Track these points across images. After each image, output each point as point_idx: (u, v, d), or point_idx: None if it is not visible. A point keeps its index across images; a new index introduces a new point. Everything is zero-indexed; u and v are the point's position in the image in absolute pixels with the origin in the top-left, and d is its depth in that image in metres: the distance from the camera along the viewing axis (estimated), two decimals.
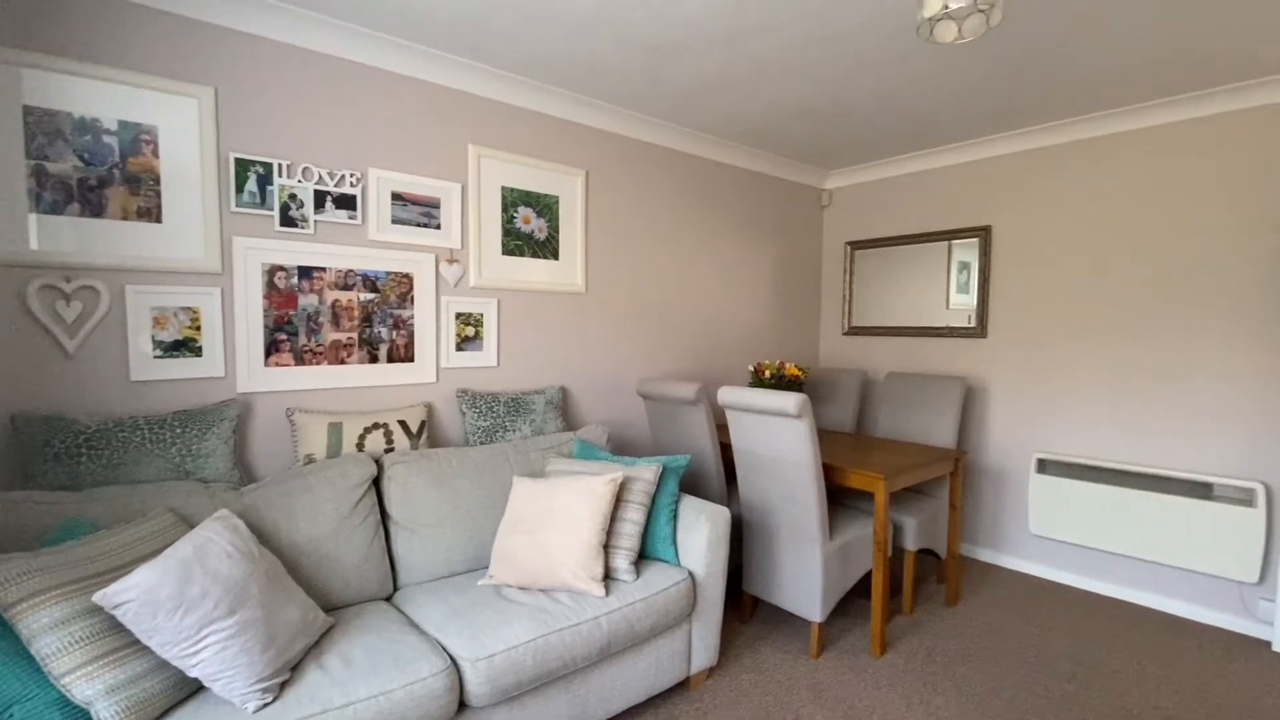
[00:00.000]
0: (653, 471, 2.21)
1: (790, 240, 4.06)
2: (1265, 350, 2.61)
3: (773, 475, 2.49)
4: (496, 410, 2.52)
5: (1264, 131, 2.60)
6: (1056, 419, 3.21)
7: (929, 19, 1.28)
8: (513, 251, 2.70)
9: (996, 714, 2.09)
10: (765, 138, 3.41)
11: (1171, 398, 2.85)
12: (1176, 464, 2.84)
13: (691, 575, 2.15)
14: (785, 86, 2.68)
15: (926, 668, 2.37)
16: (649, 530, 2.20)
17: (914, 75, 2.55)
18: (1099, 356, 3.06)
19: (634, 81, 2.64)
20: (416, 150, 2.44)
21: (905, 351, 3.86)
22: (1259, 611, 2.64)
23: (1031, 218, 3.28)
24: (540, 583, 1.95)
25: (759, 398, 2.40)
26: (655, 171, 3.26)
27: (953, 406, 3.17)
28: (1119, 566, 3.02)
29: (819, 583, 2.39)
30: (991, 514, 3.47)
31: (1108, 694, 2.21)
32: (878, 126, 3.20)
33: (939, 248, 3.66)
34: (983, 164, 3.46)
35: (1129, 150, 2.95)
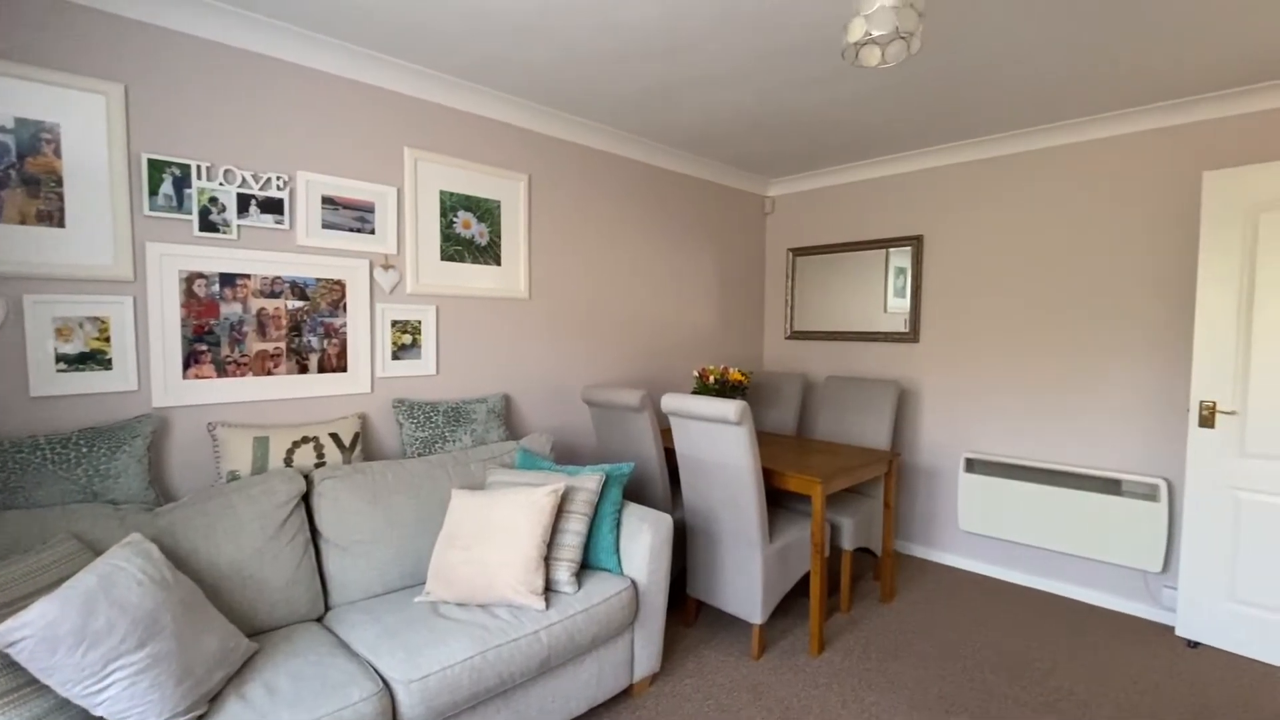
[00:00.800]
0: (595, 481, 2.21)
1: (735, 246, 4.13)
2: (1162, 360, 2.81)
3: (715, 480, 2.52)
4: (435, 420, 2.47)
5: (1152, 156, 2.80)
6: (983, 420, 3.38)
7: (854, 44, 1.32)
8: (452, 257, 2.65)
9: (925, 707, 2.18)
10: (709, 145, 3.46)
11: (1085, 401, 3.04)
12: (1090, 462, 3.03)
13: (634, 584, 2.16)
14: (726, 97, 2.72)
15: (861, 664, 2.45)
16: (592, 540, 2.19)
17: (848, 91, 2.63)
18: (1021, 362, 3.23)
19: (577, 87, 2.63)
20: (349, 152, 2.36)
21: (844, 355, 3.98)
22: (1163, 598, 2.84)
23: (960, 228, 3.44)
24: (479, 598, 1.91)
25: (700, 405, 2.43)
26: (600, 177, 3.25)
27: (887, 409, 3.29)
28: (1040, 559, 3.20)
29: (759, 585, 2.44)
30: (925, 512, 3.62)
31: (1027, 683, 2.34)
32: (817, 138, 3.28)
33: (877, 255, 3.78)
34: (916, 176, 3.60)
35: (1046, 167, 3.13)
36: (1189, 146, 2.75)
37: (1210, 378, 2.55)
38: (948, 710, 2.16)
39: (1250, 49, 2.21)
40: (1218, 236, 2.52)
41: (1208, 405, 2.55)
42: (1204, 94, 2.62)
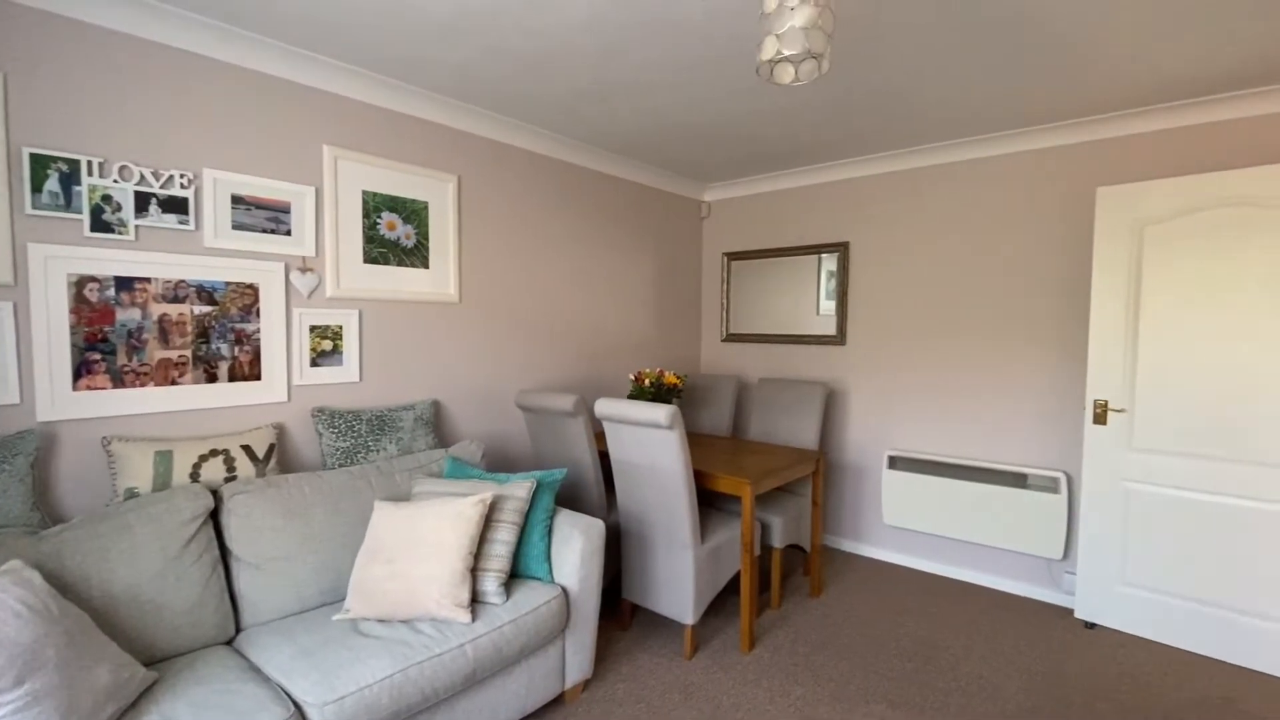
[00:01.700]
0: (525, 489, 2.18)
1: (671, 250, 4.17)
2: (1063, 362, 3.02)
3: (648, 484, 2.54)
4: (358, 429, 2.38)
5: (1053, 172, 3.01)
6: (905, 419, 3.54)
7: (768, 61, 1.35)
8: (376, 260, 2.56)
9: (846, 698, 2.26)
10: (645, 150, 3.47)
11: (995, 400, 3.23)
12: (1000, 458, 3.22)
13: (565, 591, 2.15)
14: (656, 103, 2.74)
15: (790, 659, 2.52)
16: (522, 549, 2.17)
17: (773, 104, 2.69)
18: (939, 364, 3.41)
19: (506, 88, 2.59)
20: (262, 150, 2.24)
21: (778, 357, 4.08)
22: (1064, 584, 3.05)
23: (882, 236, 3.59)
24: (402, 613, 1.86)
25: (632, 409, 2.45)
26: (535, 179, 3.22)
27: (816, 410, 3.39)
28: (957, 550, 3.38)
29: (691, 586, 2.47)
30: (852, 507, 3.76)
31: (942, 669, 2.47)
32: (748, 146, 3.35)
33: (810, 259, 3.90)
34: (842, 185, 3.73)
35: (958, 180, 3.30)
36: (1085, 164, 2.96)
37: (1103, 378, 2.76)
38: (867, 699, 2.25)
39: (1136, 76, 2.40)
40: (1109, 248, 2.73)
41: (1100, 404, 2.76)
42: (1097, 116, 2.83)
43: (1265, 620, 2.44)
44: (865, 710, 2.20)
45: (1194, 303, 2.55)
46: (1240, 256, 2.45)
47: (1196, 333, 2.54)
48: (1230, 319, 2.47)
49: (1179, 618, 2.62)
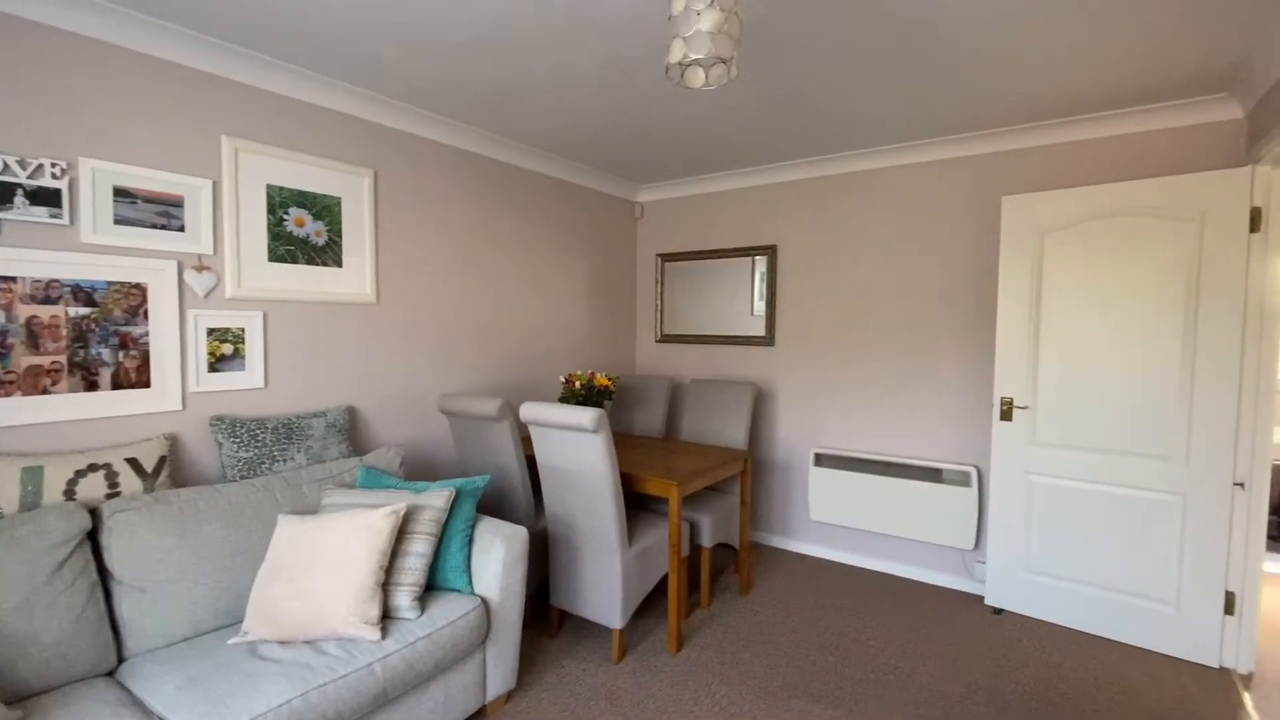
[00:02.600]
0: (443, 498, 2.11)
1: (605, 251, 4.14)
2: (973, 361, 3.17)
3: (575, 488, 2.51)
4: (263, 438, 2.24)
5: (962, 181, 3.16)
6: (830, 417, 3.64)
7: (677, 64, 1.34)
8: (283, 258, 2.42)
9: (769, 694, 2.30)
10: (575, 149, 3.43)
11: (913, 398, 3.36)
12: (917, 453, 3.36)
13: (485, 602, 2.09)
14: (583, 103, 2.70)
15: (716, 658, 2.55)
16: (439, 560, 2.09)
17: (697, 105, 2.71)
18: (861, 364, 3.52)
19: (426, 82, 2.50)
20: (150, 139, 2.07)
21: (711, 358, 4.12)
22: (975, 572, 3.21)
23: (808, 240, 3.68)
24: (305, 634, 1.76)
25: (557, 413, 2.41)
26: (461, 176, 3.12)
27: (745, 409, 3.44)
28: (879, 543, 3.50)
29: (619, 590, 2.45)
30: (780, 504, 3.84)
31: (861, 661, 2.55)
32: (679, 148, 3.36)
33: (745, 262, 3.95)
34: (771, 189, 3.80)
35: (877, 186, 3.42)
36: (992, 174, 3.11)
37: (1008, 377, 2.92)
38: (789, 695, 2.30)
39: (1040, 92, 2.54)
40: (1013, 254, 2.88)
41: (1006, 401, 2.92)
42: (1004, 128, 2.98)
43: (1149, 601, 2.63)
44: (787, 706, 2.23)
45: (1087, 306, 2.72)
46: (1128, 263, 2.63)
47: (1089, 334, 2.72)
48: (1118, 321, 2.66)
49: (1076, 601, 2.80)
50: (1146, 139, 2.74)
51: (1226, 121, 2.58)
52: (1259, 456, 2.42)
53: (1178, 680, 2.42)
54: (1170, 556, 2.58)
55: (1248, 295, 2.41)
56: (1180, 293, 2.53)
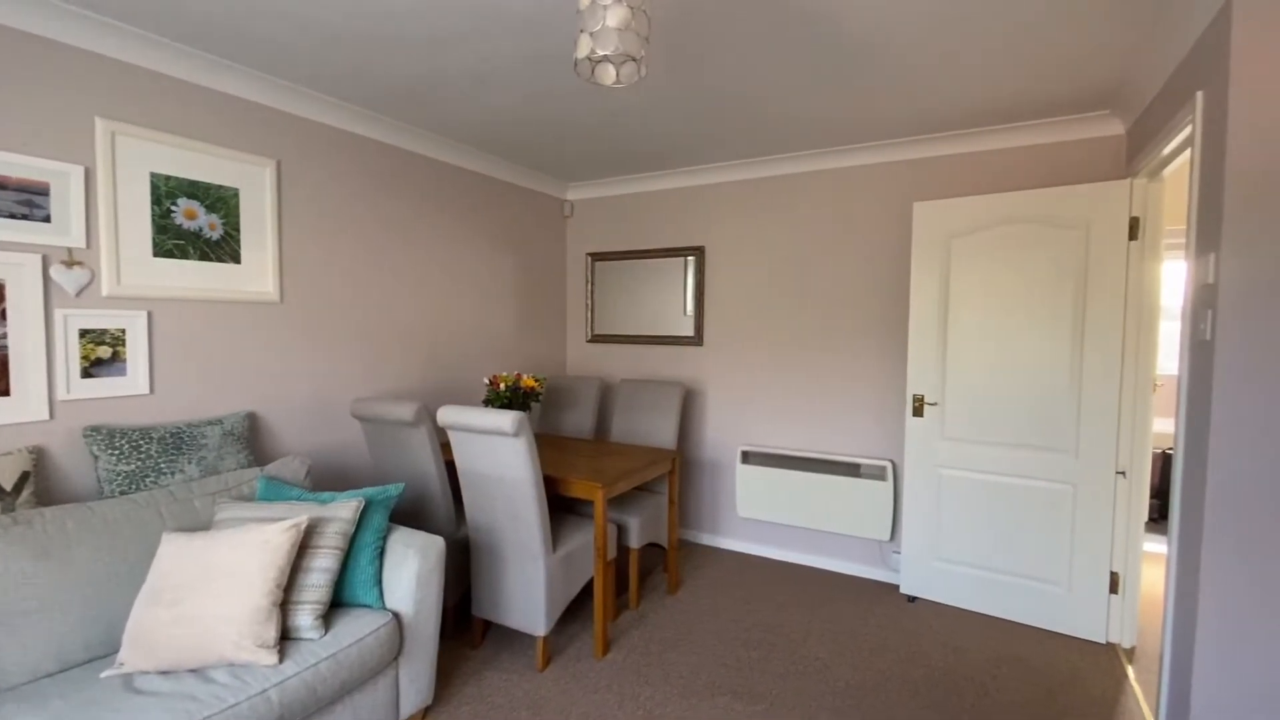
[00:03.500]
0: (351, 509, 2.00)
1: (534, 249, 4.06)
2: (889, 361, 3.31)
3: (496, 494, 2.44)
4: (147, 449, 2.06)
5: (878, 186, 3.29)
6: (757, 416, 3.70)
7: (586, 59, 1.31)
8: (172, 253, 2.23)
9: (694, 693, 2.31)
10: (500, 145, 3.34)
11: (834, 395, 3.47)
12: (838, 449, 3.47)
13: (398, 616, 1.99)
14: (499, 98, 2.63)
15: (642, 660, 2.53)
16: (347, 575, 1.98)
17: (622, 104, 2.69)
18: (786, 362, 3.60)
19: (334, 70, 2.36)
20: (7, 118, 1.86)
21: (642, 359, 4.12)
22: (891, 562, 3.34)
23: (734, 242, 3.73)
24: (190, 662, 1.62)
25: (476, 417, 2.33)
26: (378, 169, 2.98)
27: (673, 409, 3.45)
28: (802, 537, 3.59)
29: (543, 596, 2.40)
30: (709, 502, 3.88)
31: (784, 655, 2.60)
32: (604, 146, 3.33)
33: (677, 262, 3.96)
34: (698, 190, 3.84)
35: (798, 190, 3.51)
36: (906, 180, 3.25)
37: (920, 375, 3.05)
38: (713, 693, 2.31)
39: (944, 107, 2.66)
40: (923, 257, 3.02)
41: (918, 398, 3.05)
42: (917, 136, 3.11)
43: (1045, 583, 2.81)
44: (711, 704, 2.25)
45: (989, 307, 2.88)
46: (1025, 267, 2.80)
47: (991, 334, 2.88)
48: (1017, 322, 2.82)
49: (981, 586, 2.96)
50: (1042, 151, 2.93)
51: (1110, 137, 2.79)
52: (1138, 446, 2.63)
53: (1070, 657, 2.59)
54: (1062, 542, 2.76)
55: (1127, 298, 2.61)
56: (1069, 296, 2.71)
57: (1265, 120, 1.57)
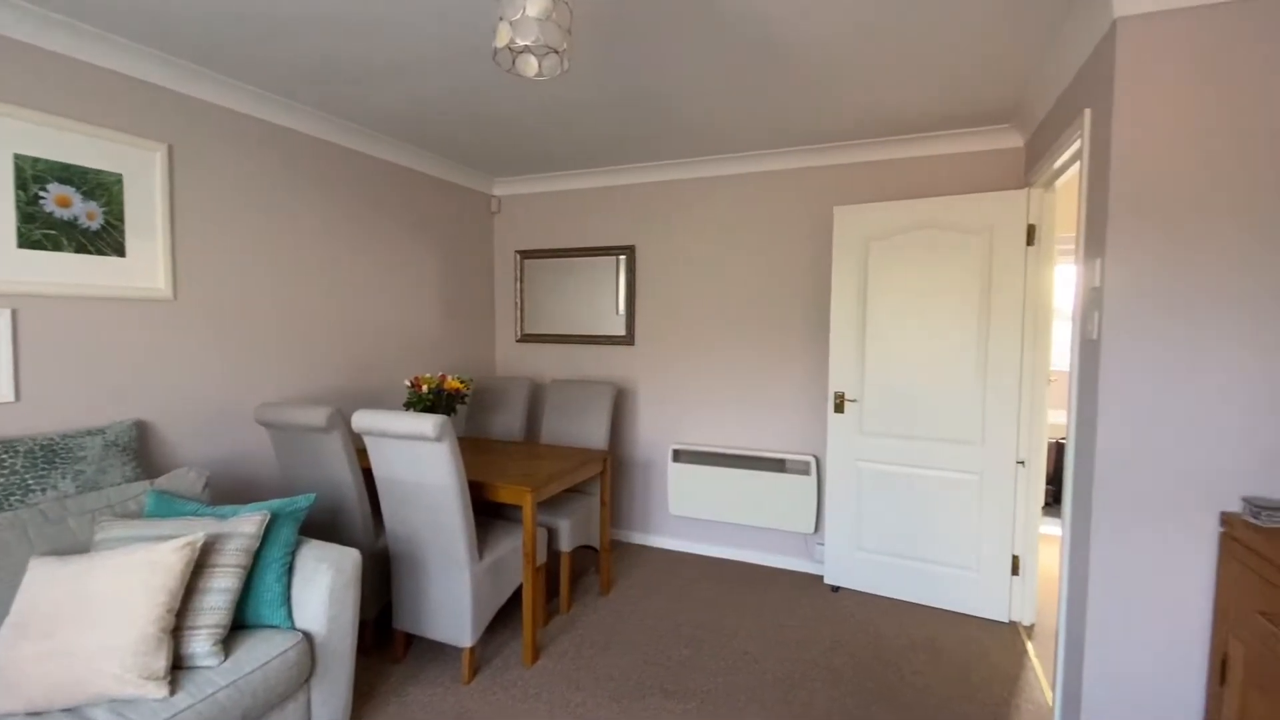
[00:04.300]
0: (255, 523, 1.85)
1: (460, 246, 3.93)
2: (812, 359, 3.41)
3: (417, 502, 2.33)
4: (11, 464, 1.83)
5: (802, 190, 3.39)
6: (687, 414, 3.74)
7: (506, 49, 1.26)
8: (41, 243, 1.99)
9: (625, 696, 2.29)
10: (424, 136, 3.20)
11: (762, 394, 3.54)
12: (765, 446, 3.55)
13: (309, 636, 1.87)
14: (423, 87, 2.52)
15: (574, 665, 2.50)
16: (251, 594, 1.84)
17: (548, 99, 2.63)
18: (716, 362, 3.65)
19: (229, 48, 2.18)
20: None
21: (574, 358, 4.07)
22: (815, 554, 3.46)
23: (665, 241, 3.75)
24: (65, 700, 1.45)
25: (395, 421, 2.22)
26: (290, 158, 2.78)
27: (605, 409, 3.43)
28: (733, 533, 3.66)
29: (469, 606, 2.32)
30: (641, 501, 3.89)
31: (714, 651, 2.63)
32: (531, 142, 3.26)
33: (609, 260, 3.93)
34: (629, 189, 3.82)
35: (727, 191, 3.57)
36: (828, 184, 3.36)
37: (841, 372, 3.16)
38: (644, 694, 2.31)
39: (863, 115, 2.76)
40: (844, 259, 3.13)
41: (839, 394, 3.16)
42: (839, 143, 3.22)
43: (955, 568, 2.98)
44: (643, 705, 2.24)
45: (904, 307, 3.02)
46: (935, 270, 2.95)
47: (906, 332, 3.02)
48: (929, 321, 2.97)
49: (898, 574, 3.10)
50: (951, 160, 3.10)
51: (1010, 149, 2.98)
52: (1036, 437, 2.83)
53: (978, 636, 2.76)
54: (970, 528, 2.93)
55: (1025, 299, 2.80)
56: (976, 297, 2.88)
57: (1145, 136, 1.71)
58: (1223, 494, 1.67)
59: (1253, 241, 1.63)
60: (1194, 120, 1.67)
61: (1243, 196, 1.63)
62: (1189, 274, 1.69)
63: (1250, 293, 1.64)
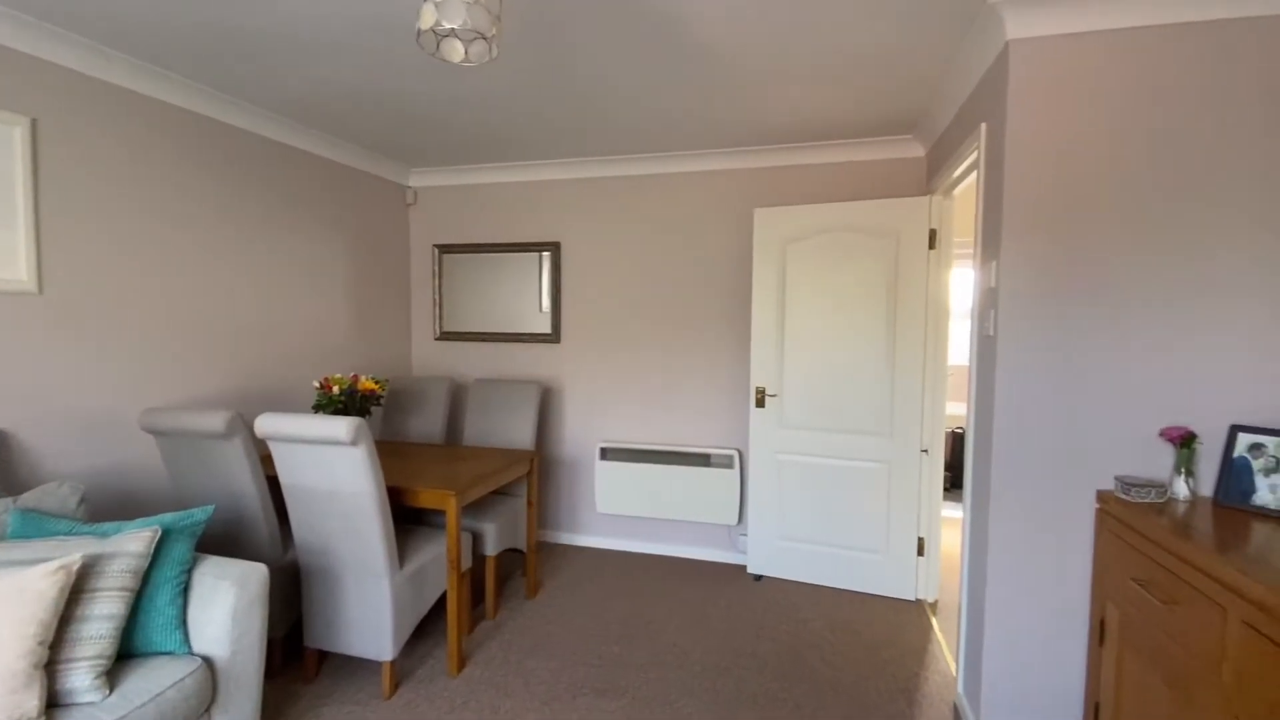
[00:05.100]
0: (143, 541, 1.68)
1: (373, 239, 3.73)
2: (736, 356, 3.51)
3: (331, 510, 2.19)
4: None
5: (726, 191, 3.48)
6: (614, 412, 3.74)
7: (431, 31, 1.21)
8: None
9: (556, 698, 2.27)
10: (334, 121, 3.01)
11: (688, 390, 3.60)
12: (691, 440, 3.62)
13: (209, 661, 1.71)
14: (330, 69, 2.37)
15: (502, 671, 2.44)
16: (141, 619, 1.66)
17: (473, 88, 2.55)
18: (642, 359, 3.68)
19: (105, 13, 1.95)
20: None
21: (497, 357, 3.97)
22: (739, 545, 3.56)
23: (591, 239, 3.73)
24: None
25: (304, 425, 2.08)
26: (181, 140, 2.53)
27: (531, 408, 3.37)
28: (660, 528, 3.70)
29: (389, 618, 2.21)
30: (568, 500, 3.85)
31: (644, 646, 2.65)
32: (449, 132, 3.14)
33: (532, 257, 3.85)
34: (554, 184, 3.77)
35: (655, 191, 3.60)
36: (750, 186, 3.46)
37: (761, 368, 3.27)
38: (575, 694, 2.29)
39: (781, 121, 2.86)
40: (763, 259, 3.23)
41: (760, 390, 3.27)
42: (756, 147, 3.32)
43: (868, 552, 3.16)
44: (573, 706, 2.22)
45: (820, 306, 3.16)
46: (848, 271, 3.11)
47: (822, 330, 3.17)
48: (842, 319, 3.13)
49: (817, 560, 3.25)
50: (863, 167, 3.27)
51: (914, 158, 3.19)
52: (937, 427, 3.05)
53: (889, 615, 2.94)
54: (880, 514, 3.12)
55: (927, 299, 3.00)
56: (883, 296, 3.06)
57: (1037, 148, 1.88)
58: (1099, 474, 1.87)
59: (1126, 248, 1.82)
60: (1079, 135, 1.84)
61: (1119, 207, 1.82)
62: (1073, 276, 1.87)
63: (1121, 293, 1.83)
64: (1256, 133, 1.72)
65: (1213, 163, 1.75)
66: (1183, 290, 1.79)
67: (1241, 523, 1.52)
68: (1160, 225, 1.80)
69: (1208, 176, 1.76)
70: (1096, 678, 1.80)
